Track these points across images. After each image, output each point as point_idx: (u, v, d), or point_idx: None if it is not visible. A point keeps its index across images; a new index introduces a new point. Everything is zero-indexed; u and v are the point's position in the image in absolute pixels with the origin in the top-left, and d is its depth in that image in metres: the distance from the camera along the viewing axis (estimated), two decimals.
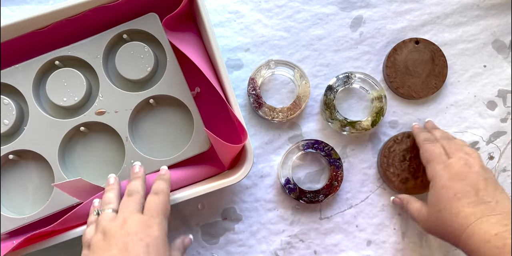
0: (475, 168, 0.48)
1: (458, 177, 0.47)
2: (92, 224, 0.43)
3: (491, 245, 0.41)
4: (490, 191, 0.46)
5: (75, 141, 0.54)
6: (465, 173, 0.47)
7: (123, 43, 0.53)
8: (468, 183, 0.46)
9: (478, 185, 0.46)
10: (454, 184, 0.47)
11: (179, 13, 0.50)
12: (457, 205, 0.45)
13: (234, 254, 0.57)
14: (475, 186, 0.46)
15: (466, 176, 0.47)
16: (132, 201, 0.43)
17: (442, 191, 0.47)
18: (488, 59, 0.60)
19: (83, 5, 0.49)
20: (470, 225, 0.43)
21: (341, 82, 0.57)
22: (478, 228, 0.43)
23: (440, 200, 0.47)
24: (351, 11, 0.60)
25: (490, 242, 0.41)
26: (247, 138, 0.47)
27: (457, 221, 0.45)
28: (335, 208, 0.58)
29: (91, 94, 0.55)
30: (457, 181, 0.47)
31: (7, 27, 0.49)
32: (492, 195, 0.45)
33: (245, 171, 0.49)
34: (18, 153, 0.53)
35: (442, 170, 0.48)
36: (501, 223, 0.42)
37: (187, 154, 0.52)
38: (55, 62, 0.53)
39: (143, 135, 0.54)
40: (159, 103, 0.54)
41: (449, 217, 0.45)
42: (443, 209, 0.46)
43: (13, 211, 0.53)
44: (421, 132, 0.55)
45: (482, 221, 0.43)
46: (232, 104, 0.49)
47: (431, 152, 0.51)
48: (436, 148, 0.51)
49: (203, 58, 0.52)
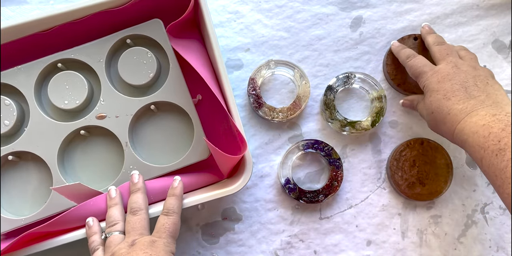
0: (463, 67, 0.48)
1: (446, 78, 0.47)
2: (99, 246, 0.45)
3: (479, 135, 0.41)
4: (480, 86, 0.46)
5: (75, 145, 0.54)
6: (453, 74, 0.47)
7: (126, 48, 0.53)
8: (457, 82, 0.46)
9: (467, 82, 0.46)
10: (442, 85, 0.47)
11: (183, 20, 0.50)
12: (447, 104, 0.46)
13: (234, 254, 0.57)
14: (464, 84, 0.46)
15: (454, 76, 0.47)
16: (138, 222, 0.45)
17: (432, 95, 0.47)
18: (488, 59, 0.59)
19: (87, 8, 0.50)
20: (461, 121, 0.44)
21: (341, 82, 0.57)
22: (468, 121, 0.43)
23: (431, 103, 0.47)
24: (351, 11, 0.60)
25: (478, 133, 0.42)
26: (246, 149, 0.47)
27: (449, 119, 0.45)
28: (335, 208, 0.58)
29: (92, 98, 0.55)
30: (445, 82, 0.47)
31: (11, 28, 0.49)
32: (482, 89, 0.45)
33: (243, 181, 0.49)
34: (18, 154, 0.53)
35: (430, 76, 0.48)
36: (490, 113, 0.43)
37: (186, 161, 0.52)
38: (58, 65, 0.53)
39: (143, 141, 0.54)
40: (160, 109, 0.55)
41: (442, 117, 0.46)
42: (435, 111, 0.47)
43: (11, 212, 0.53)
44: (401, 50, 0.54)
45: (471, 115, 0.43)
46: (233, 113, 0.49)
47: (416, 66, 0.50)
48: (420, 60, 0.51)
49: (206, 66, 0.52)
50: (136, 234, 0.44)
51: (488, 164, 0.40)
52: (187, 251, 0.57)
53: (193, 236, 0.57)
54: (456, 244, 0.57)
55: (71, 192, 0.47)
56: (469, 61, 0.49)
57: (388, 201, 0.58)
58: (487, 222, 0.58)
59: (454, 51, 0.51)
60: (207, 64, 0.53)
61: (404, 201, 0.58)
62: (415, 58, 0.51)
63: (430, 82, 0.48)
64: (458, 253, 0.57)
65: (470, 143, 0.43)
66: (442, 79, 0.47)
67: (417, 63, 0.51)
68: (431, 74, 0.49)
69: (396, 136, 0.59)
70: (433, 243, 0.57)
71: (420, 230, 0.58)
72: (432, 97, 0.47)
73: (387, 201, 0.58)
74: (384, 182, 0.58)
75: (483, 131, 0.41)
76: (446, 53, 0.50)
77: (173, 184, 0.49)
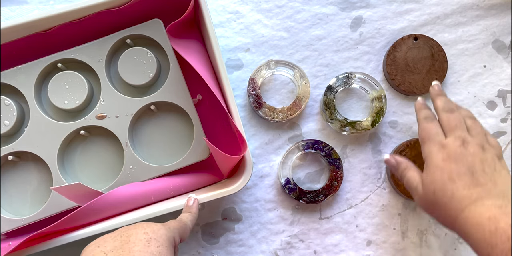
0: (472, 148, 0.45)
1: (453, 158, 0.44)
2: None
3: (485, 229, 0.39)
4: (487, 172, 0.43)
5: (75, 145, 0.54)
6: (460, 154, 0.44)
7: (126, 48, 0.53)
8: (464, 165, 0.44)
9: (474, 167, 0.43)
10: (449, 165, 0.44)
11: (183, 20, 0.50)
12: (452, 187, 0.43)
13: (234, 254, 0.57)
14: (471, 168, 0.43)
15: (461, 157, 0.44)
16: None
17: (436, 172, 0.44)
18: (488, 59, 0.60)
19: (87, 8, 0.50)
20: (465, 209, 0.41)
21: (341, 82, 0.57)
22: (473, 211, 0.40)
23: (434, 181, 0.44)
24: (351, 11, 0.60)
25: (483, 226, 0.39)
26: (246, 149, 0.47)
27: (451, 204, 0.42)
28: (335, 208, 0.58)
29: (92, 98, 0.55)
30: (452, 162, 0.44)
31: (11, 28, 0.49)
32: (489, 176, 0.43)
33: (244, 181, 0.49)
34: (18, 154, 0.53)
35: (437, 151, 0.46)
36: (496, 205, 0.40)
37: (186, 161, 0.52)
38: (58, 65, 0.53)
39: (143, 141, 0.54)
40: (160, 109, 0.55)
41: (444, 200, 0.43)
42: (438, 191, 0.44)
43: (11, 212, 0.53)
44: (423, 109, 0.51)
45: (476, 204, 0.41)
46: (233, 113, 0.49)
47: (428, 131, 0.47)
48: (434, 127, 0.48)
49: (206, 66, 0.52)
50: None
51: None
52: (187, 251, 0.57)
53: (193, 236, 0.57)
54: (456, 244, 0.57)
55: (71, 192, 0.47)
56: (477, 137, 0.46)
57: (388, 201, 0.58)
58: None
59: (462, 123, 0.47)
60: (207, 64, 0.53)
61: (404, 201, 0.58)
62: (431, 123, 0.48)
63: (435, 157, 0.45)
64: (458, 253, 0.57)
65: (474, 237, 0.40)
66: (448, 158, 0.44)
67: (431, 129, 0.47)
68: (438, 148, 0.46)
69: (396, 136, 0.59)
70: (433, 243, 0.57)
71: (420, 230, 0.58)
72: (436, 175, 0.44)
73: (387, 201, 0.58)
74: (384, 182, 0.58)
75: (489, 225, 0.38)
76: (455, 124, 0.47)
77: (188, 201, 0.49)
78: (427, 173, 0.45)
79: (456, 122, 0.47)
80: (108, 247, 0.38)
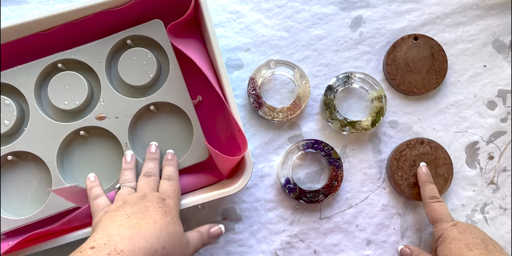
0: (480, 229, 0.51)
1: (468, 231, 0.49)
2: (103, 194, 0.47)
3: None
4: (496, 247, 0.48)
5: (74, 145, 0.54)
6: (474, 228, 0.50)
7: (127, 49, 0.53)
8: (478, 236, 0.49)
9: (486, 240, 0.49)
10: (464, 236, 0.49)
11: (184, 20, 0.50)
12: (469, 254, 0.47)
13: (234, 254, 0.57)
14: (484, 241, 0.48)
15: (475, 230, 0.50)
16: (151, 180, 0.47)
17: (453, 243, 0.49)
18: (488, 59, 0.60)
19: (87, 8, 0.50)
20: None
21: (341, 82, 0.57)
22: None
23: (451, 250, 0.48)
24: (351, 11, 0.60)
25: None
26: (246, 149, 0.47)
27: None
28: (335, 208, 0.58)
29: (92, 98, 0.55)
30: (467, 234, 0.49)
31: (11, 28, 0.49)
32: (498, 251, 0.48)
33: (244, 181, 0.49)
34: (17, 154, 0.53)
35: (451, 227, 0.50)
36: None
37: (186, 162, 0.52)
38: (58, 65, 0.53)
39: (143, 142, 0.54)
40: (160, 110, 0.54)
41: None
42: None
43: (10, 212, 0.53)
44: (428, 184, 0.55)
45: None
46: (233, 113, 0.49)
47: (440, 211, 0.52)
48: (444, 208, 0.53)
49: (207, 65, 0.52)
50: (148, 189, 0.46)
51: None
52: None
53: None
54: None
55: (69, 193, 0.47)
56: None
57: (388, 201, 0.58)
58: (487, 222, 0.58)
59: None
60: (208, 63, 0.53)
61: (404, 201, 0.58)
62: (439, 203, 0.53)
63: (451, 231, 0.50)
64: None
65: None
66: (463, 231, 0.50)
67: (441, 210, 0.52)
68: (452, 225, 0.51)
69: (396, 136, 0.59)
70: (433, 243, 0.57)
71: (419, 230, 0.58)
72: (453, 244, 0.49)
73: (387, 201, 0.58)
74: (384, 182, 0.58)
75: None
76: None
77: (166, 156, 0.51)
78: (443, 247, 0.50)
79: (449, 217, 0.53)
80: (129, 211, 0.42)
